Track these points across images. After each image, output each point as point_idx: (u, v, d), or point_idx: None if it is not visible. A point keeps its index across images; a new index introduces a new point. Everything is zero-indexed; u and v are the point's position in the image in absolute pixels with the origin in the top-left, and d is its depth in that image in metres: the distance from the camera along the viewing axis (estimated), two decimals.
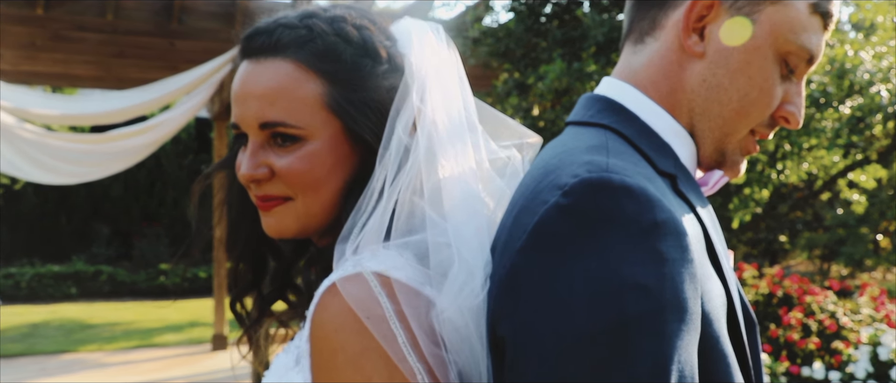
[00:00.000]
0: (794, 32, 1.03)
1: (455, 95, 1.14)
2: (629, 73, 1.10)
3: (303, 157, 1.06)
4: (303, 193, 1.08)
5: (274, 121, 1.06)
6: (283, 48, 1.08)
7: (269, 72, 1.07)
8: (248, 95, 1.08)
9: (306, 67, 1.07)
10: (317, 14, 1.11)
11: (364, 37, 1.11)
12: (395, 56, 1.13)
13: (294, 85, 1.07)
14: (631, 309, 0.81)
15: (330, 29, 1.10)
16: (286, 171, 1.07)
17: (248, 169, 1.08)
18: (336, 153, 1.08)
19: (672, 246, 0.85)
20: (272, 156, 1.08)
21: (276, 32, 1.09)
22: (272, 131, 1.07)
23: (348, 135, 1.08)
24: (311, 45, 1.08)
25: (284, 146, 1.07)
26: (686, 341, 0.84)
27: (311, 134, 1.06)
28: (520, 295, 0.86)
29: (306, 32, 1.08)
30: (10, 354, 9.59)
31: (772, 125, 1.10)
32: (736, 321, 1.00)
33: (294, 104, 1.06)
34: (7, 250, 15.85)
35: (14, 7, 6.75)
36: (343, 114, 1.07)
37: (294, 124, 1.06)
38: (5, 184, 14.84)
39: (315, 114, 1.07)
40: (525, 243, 0.87)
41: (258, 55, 1.09)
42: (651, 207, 0.86)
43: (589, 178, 0.87)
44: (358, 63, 1.09)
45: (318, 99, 1.07)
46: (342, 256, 1.01)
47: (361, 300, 0.92)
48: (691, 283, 0.86)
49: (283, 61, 1.08)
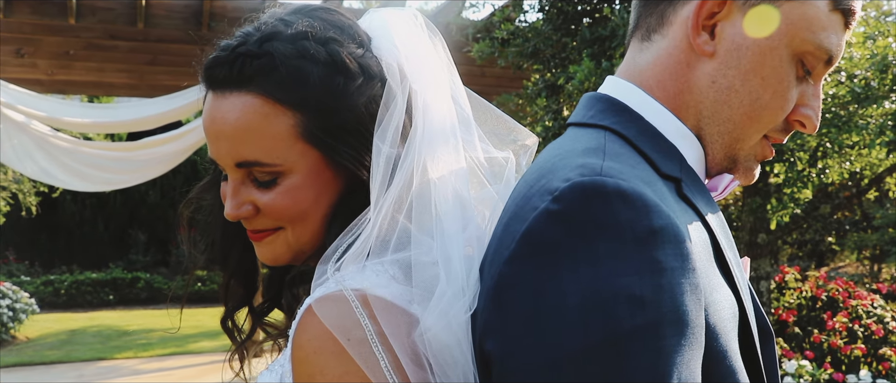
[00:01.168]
0: (813, 31, 0.94)
1: (443, 92, 1.08)
2: (634, 72, 1.02)
3: (284, 193, 1.02)
4: (291, 224, 1.04)
5: (249, 161, 1.01)
6: (246, 81, 1.00)
7: (236, 109, 1.00)
8: (219, 134, 1.02)
9: (273, 101, 1.00)
10: (277, 33, 1.02)
11: (331, 52, 1.02)
12: (369, 65, 1.04)
13: (264, 122, 1.00)
14: (625, 324, 0.75)
15: (293, 51, 1.00)
16: (270, 208, 1.03)
17: (232, 209, 1.05)
18: (318, 182, 1.03)
19: (671, 254, 0.78)
20: (255, 193, 1.04)
21: (237, 63, 1.00)
22: (248, 169, 1.03)
23: (329, 163, 1.03)
24: (276, 75, 1.00)
25: (264, 183, 1.03)
26: (687, 357, 0.77)
27: (289, 168, 1.02)
28: (507, 309, 0.80)
29: (268, 60, 1.00)
30: (48, 361, 9.73)
31: (786, 129, 1.02)
32: (749, 333, 0.93)
33: (267, 142, 1.00)
34: (46, 257, 16.14)
35: (47, 17, 6.81)
36: (319, 144, 1.01)
37: (270, 162, 1.01)
38: (43, 192, 15.10)
39: (291, 148, 1.01)
40: (513, 252, 0.81)
41: (222, 88, 1.02)
42: (647, 213, 0.78)
43: (581, 182, 0.80)
44: (328, 85, 1.01)
45: (292, 132, 1.01)
46: (322, 275, 0.96)
47: (341, 321, 0.88)
48: (693, 294, 0.79)
49: (248, 95, 1.00)
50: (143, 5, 6.91)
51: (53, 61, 8.22)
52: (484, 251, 0.95)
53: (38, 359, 9.85)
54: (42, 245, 16.55)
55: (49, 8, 6.77)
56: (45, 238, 16.59)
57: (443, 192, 1.00)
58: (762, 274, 6.41)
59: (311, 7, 1.08)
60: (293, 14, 1.06)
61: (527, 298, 0.78)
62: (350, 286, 0.91)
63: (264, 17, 1.06)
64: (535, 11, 5.96)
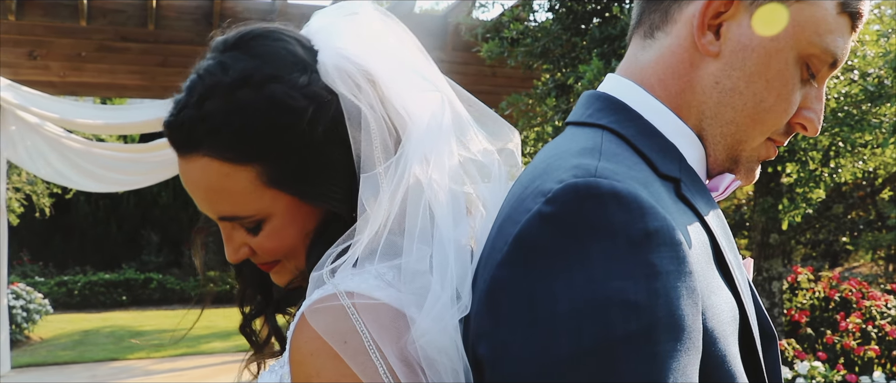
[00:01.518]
0: (819, 34, 0.92)
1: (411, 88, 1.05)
2: (635, 70, 1.00)
3: (270, 236, 1.04)
4: (286, 258, 1.08)
5: (227, 216, 1.04)
6: (196, 144, 1.00)
7: (197, 171, 1.01)
8: (194, 193, 1.05)
9: (227, 161, 0.99)
10: (216, 86, 0.99)
11: (271, 95, 0.98)
12: (316, 92, 1.00)
13: (225, 181, 1.00)
14: (618, 329, 0.73)
15: (233, 106, 0.98)
16: (262, 250, 1.06)
17: (231, 256, 1.08)
18: (299, 219, 1.04)
19: (666, 257, 0.76)
20: (246, 237, 1.06)
21: (184, 127, 1.00)
22: (232, 222, 1.05)
23: (302, 199, 1.03)
24: (222, 136, 0.98)
25: (251, 231, 1.05)
26: (683, 362, 0.75)
27: (266, 213, 1.03)
28: (499, 313, 0.78)
29: (210, 122, 0.98)
30: (61, 361, 9.79)
31: (788, 132, 1.00)
32: (750, 336, 0.91)
33: (234, 198, 1.01)
34: (60, 258, 16.23)
35: (58, 19, 6.85)
36: (286, 187, 1.01)
37: (245, 215, 1.03)
38: (57, 193, 15.18)
39: (261, 198, 1.02)
40: (506, 255, 0.79)
41: (180, 151, 1.03)
42: (642, 215, 0.76)
43: (575, 184, 0.78)
44: (277, 129, 0.99)
45: (255, 183, 1.01)
46: (316, 281, 0.95)
47: (335, 325, 0.88)
48: (689, 298, 0.77)
49: (203, 158, 1.00)
50: (153, 7, 6.95)
51: (65, 63, 8.27)
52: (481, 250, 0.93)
53: (51, 360, 9.91)
54: (56, 246, 16.65)
55: (60, 10, 6.81)
56: (59, 239, 16.69)
57: (436, 194, 0.99)
58: (774, 274, 6.37)
59: (253, 35, 1.03)
60: (233, 49, 1.02)
61: (519, 302, 0.77)
62: (345, 288, 0.90)
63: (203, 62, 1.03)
64: (545, 11, 5.94)
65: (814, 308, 7.07)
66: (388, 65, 1.05)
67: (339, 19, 1.09)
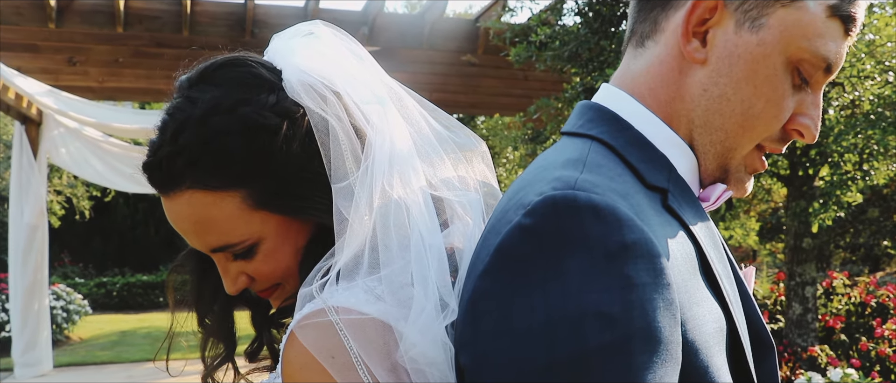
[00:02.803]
0: (808, 38, 0.91)
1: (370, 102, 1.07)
2: (627, 80, 1.00)
3: (264, 260, 1.06)
4: (284, 280, 1.09)
5: (218, 247, 1.05)
6: (178, 180, 1.02)
7: (183, 207, 1.03)
8: (183, 231, 1.06)
9: (210, 190, 1.01)
10: (188, 120, 1.01)
11: (243, 118, 1.00)
12: (287, 107, 1.03)
13: (212, 210, 1.02)
14: (593, 340, 0.73)
15: (207, 134, 1.00)
16: (259, 275, 1.08)
17: (230, 287, 1.09)
18: (290, 236, 1.06)
19: (642, 270, 0.76)
20: (243, 265, 1.07)
21: (163, 166, 1.02)
22: (226, 252, 1.06)
23: (290, 215, 1.05)
24: (202, 166, 1.00)
25: (246, 257, 1.06)
26: (660, 374, 0.75)
27: (258, 237, 1.04)
28: (479, 323, 0.79)
29: (188, 155, 1.00)
30: (99, 361, 9.98)
31: (784, 139, 0.99)
32: (740, 347, 0.91)
33: (223, 226, 1.03)
34: (99, 260, 16.54)
35: (96, 26, 6.98)
36: (272, 206, 1.03)
37: (236, 241, 1.04)
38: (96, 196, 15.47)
39: (250, 222, 1.03)
40: (487, 266, 0.80)
41: (163, 190, 1.04)
42: (619, 227, 0.77)
43: (553, 196, 0.79)
44: (254, 150, 1.01)
45: (242, 207, 1.02)
46: (304, 297, 0.97)
47: (323, 341, 0.89)
48: (666, 310, 0.77)
49: (187, 192, 1.02)
50: (187, 13, 7.05)
51: (104, 69, 8.44)
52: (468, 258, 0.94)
53: (90, 359, 10.11)
54: (95, 248, 16.98)
55: (98, 17, 6.94)
56: (99, 241, 17.01)
57: (409, 203, 1.00)
58: (808, 279, 6.27)
59: (214, 66, 1.06)
60: (198, 83, 1.05)
61: (497, 313, 0.78)
62: (333, 304, 0.91)
63: (171, 103, 1.05)
64: (573, 15, 5.93)
65: (849, 313, 6.94)
66: (348, 79, 1.06)
67: (298, 38, 1.11)
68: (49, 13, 6.71)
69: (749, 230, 9.47)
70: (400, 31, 7.69)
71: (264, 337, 1.21)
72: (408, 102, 1.13)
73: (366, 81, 1.09)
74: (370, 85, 1.09)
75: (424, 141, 1.11)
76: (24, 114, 8.49)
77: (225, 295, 1.17)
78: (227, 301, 1.19)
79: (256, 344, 1.25)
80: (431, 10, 7.53)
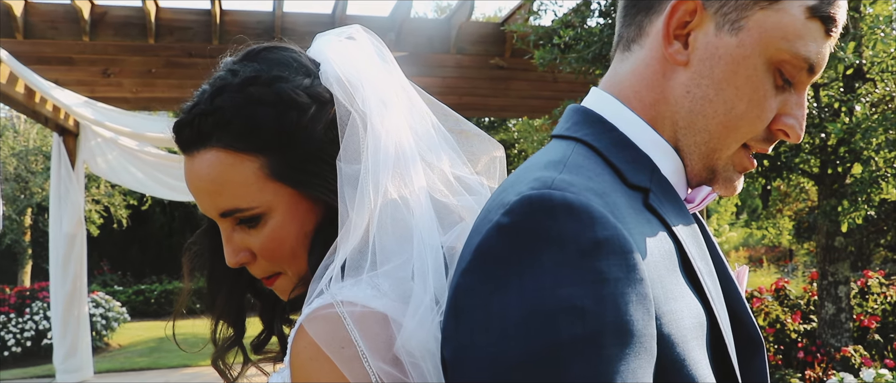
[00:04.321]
0: (787, 40, 0.92)
1: (394, 110, 1.11)
2: (614, 83, 1.03)
3: (271, 234, 1.09)
4: (287, 265, 1.12)
5: (229, 210, 1.08)
6: (206, 138, 1.07)
7: (205, 165, 1.07)
8: (198, 191, 1.10)
9: (234, 151, 1.06)
10: (227, 86, 1.08)
11: (278, 91, 1.07)
12: (319, 92, 1.09)
13: (230, 172, 1.07)
14: (565, 333, 0.76)
15: (242, 99, 1.06)
16: (263, 251, 1.10)
17: (231, 257, 1.12)
18: (298, 216, 1.09)
19: (615, 265, 0.78)
20: (246, 238, 1.11)
21: (195, 123, 1.07)
22: (233, 217, 1.09)
23: (303, 195, 1.09)
24: (231, 127, 1.06)
25: (251, 227, 1.09)
26: (632, 366, 0.77)
27: (267, 208, 1.08)
28: (460, 318, 0.82)
29: (221, 115, 1.06)
30: (137, 367, 10.16)
31: (769, 139, 1.00)
32: (722, 344, 0.92)
33: (238, 189, 1.07)
34: (137, 268, 16.82)
35: (128, 38, 7.13)
36: (288, 179, 1.07)
37: (247, 206, 1.07)
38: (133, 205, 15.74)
39: (263, 190, 1.07)
40: (468, 264, 0.83)
41: (190, 149, 1.09)
42: (592, 224, 0.79)
43: (529, 196, 0.82)
44: (281, 123, 1.06)
45: (259, 174, 1.07)
46: (313, 293, 1.01)
47: (330, 334, 0.93)
48: (639, 304, 0.79)
49: (211, 151, 1.07)
50: (217, 23, 7.17)
51: (137, 80, 8.61)
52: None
53: (128, 366, 10.30)
54: (133, 256, 17.27)
55: (130, 29, 7.09)
56: (136, 249, 17.30)
57: (414, 205, 1.05)
58: (841, 279, 6.17)
59: (259, 48, 1.13)
60: (242, 61, 1.12)
61: (476, 308, 0.80)
62: (341, 298, 0.95)
63: (218, 71, 1.12)
64: (597, 16, 5.92)
65: (885, 313, 6.82)
66: (371, 80, 1.12)
67: (340, 39, 1.17)
68: (83, 26, 6.88)
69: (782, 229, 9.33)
70: (427, 36, 7.74)
71: (275, 329, 1.25)
72: (419, 105, 1.18)
73: (384, 83, 1.14)
74: (387, 87, 1.14)
75: (430, 143, 1.15)
76: (62, 125, 8.69)
77: (235, 277, 1.22)
78: (236, 283, 1.23)
79: (264, 336, 1.29)
80: (458, 14, 7.57)
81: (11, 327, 11.77)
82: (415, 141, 1.13)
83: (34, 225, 16.51)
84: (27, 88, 7.62)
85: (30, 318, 11.85)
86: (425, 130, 1.16)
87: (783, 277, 8.55)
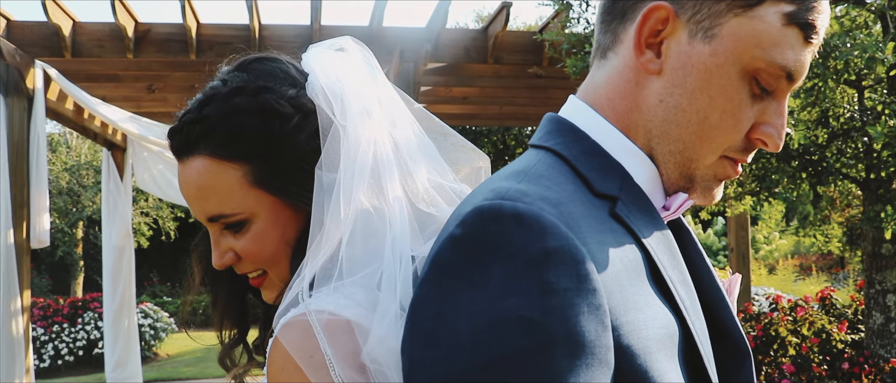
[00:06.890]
0: (763, 47, 0.90)
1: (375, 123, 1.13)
2: (590, 92, 1.02)
3: (253, 239, 1.13)
4: (269, 266, 1.16)
5: (215, 215, 1.13)
6: (194, 145, 1.12)
7: (193, 172, 1.12)
8: (188, 196, 1.15)
9: (219, 159, 1.11)
10: (215, 95, 1.13)
11: (262, 102, 1.10)
12: (303, 103, 1.12)
13: (215, 178, 1.11)
14: (513, 345, 0.75)
15: (227, 109, 1.10)
16: (245, 253, 1.15)
17: (216, 259, 1.17)
18: (280, 222, 1.13)
19: (564, 275, 0.78)
20: (231, 241, 1.15)
21: (184, 131, 1.12)
22: (219, 222, 1.14)
23: (285, 202, 1.12)
24: (216, 135, 1.10)
25: (236, 232, 1.14)
26: (584, 377, 0.76)
27: (250, 214, 1.12)
28: (414, 329, 0.83)
29: (207, 124, 1.11)
30: (184, 377, 10.34)
31: (748, 148, 0.97)
32: (697, 354, 0.91)
33: (222, 195, 1.11)
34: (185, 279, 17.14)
35: (171, 55, 7.29)
36: (270, 187, 1.11)
37: (231, 212, 1.12)
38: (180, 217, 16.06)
39: (246, 196, 1.11)
40: (424, 275, 0.84)
41: (181, 156, 1.14)
42: (542, 235, 0.79)
43: (480, 207, 0.82)
44: (264, 132, 1.10)
45: (242, 181, 1.11)
46: (287, 302, 1.03)
47: (301, 343, 0.96)
48: (591, 315, 0.78)
49: (198, 158, 1.12)
50: (256, 37, 7.29)
51: (181, 95, 8.79)
52: None
53: (175, 375, 10.49)
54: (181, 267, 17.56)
55: (172, 45, 7.25)
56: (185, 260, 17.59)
57: (389, 214, 1.06)
58: (889, 286, 5.99)
59: (250, 59, 1.18)
60: (233, 71, 1.17)
61: (428, 319, 0.81)
62: (315, 307, 0.97)
63: (212, 81, 1.18)
64: None
65: None
66: (355, 91, 1.14)
67: (329, 51, 1.20)
68: (127, 44, 7.04)
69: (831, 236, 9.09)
70: (464, 47, 7.75)
71: (246, 348, 1.28)
72: (405, 116, 1.20)
73: (369, 93, 1.16)
74: (371, 97, 1.16)
75: (413, 153, 1.17)
76: (110, 140, 8.90)
77: (233, 277, 1.25)
78: (235, 283, 1.27)
79: (265, 336, 1.32)
80: (494, 24, 7.57)
81: (65, 336, 12.09)
82: (396, 151, 1.15)
83: (85, 237, 16.95)
84: (75, 105, 7.82)
85: (82, 328, 12.17)
86: (408, 140, 1.18)
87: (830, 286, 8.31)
